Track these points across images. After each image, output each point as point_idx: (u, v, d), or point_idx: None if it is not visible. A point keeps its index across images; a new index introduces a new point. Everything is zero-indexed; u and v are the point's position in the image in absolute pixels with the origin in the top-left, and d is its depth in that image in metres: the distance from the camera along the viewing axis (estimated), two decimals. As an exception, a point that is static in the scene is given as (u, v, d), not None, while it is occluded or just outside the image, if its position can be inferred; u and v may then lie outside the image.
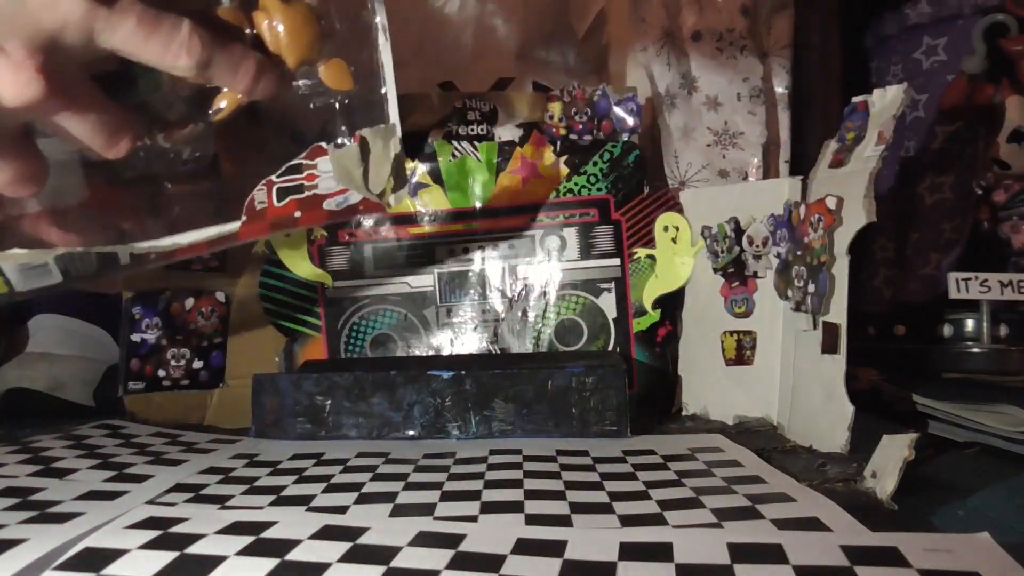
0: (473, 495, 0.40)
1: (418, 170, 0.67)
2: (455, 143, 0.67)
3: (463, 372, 0.55)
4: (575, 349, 0.66)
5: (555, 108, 0.68)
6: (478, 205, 0.67)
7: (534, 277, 0.67)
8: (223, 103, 0.39)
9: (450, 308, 0.67)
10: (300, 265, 0.67)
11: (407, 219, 0.67)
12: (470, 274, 0.67)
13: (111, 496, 0.39)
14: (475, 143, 0.67)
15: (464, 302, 0.67)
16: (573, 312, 0.66)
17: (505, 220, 0.67)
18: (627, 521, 0.35)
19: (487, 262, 0.67)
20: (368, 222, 0.67)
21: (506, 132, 0.68)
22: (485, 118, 0.68)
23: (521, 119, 0.68)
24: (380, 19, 0.41)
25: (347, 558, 0.31)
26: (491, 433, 0.54)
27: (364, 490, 0.41)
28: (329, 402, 0.55)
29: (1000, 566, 0.29)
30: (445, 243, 0.67)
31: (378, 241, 0.67)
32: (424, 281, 0.67)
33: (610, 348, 0.66)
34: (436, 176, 0.67)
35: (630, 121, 0.67)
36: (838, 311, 0.50)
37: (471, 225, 0.67)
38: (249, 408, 0.57)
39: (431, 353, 0.67)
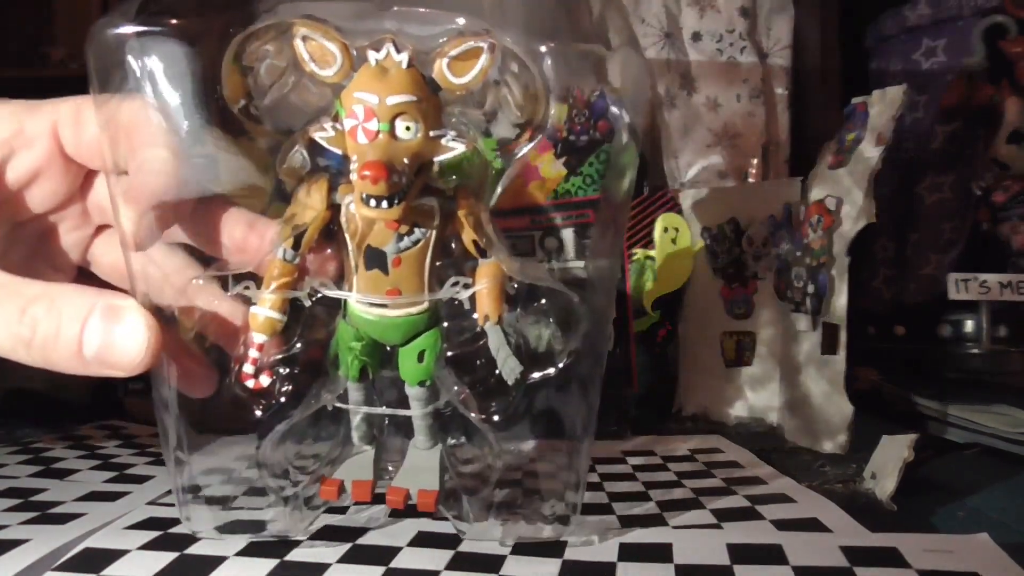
0: (473, 495, 0.40)
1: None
2: (455, 144, 0.67)
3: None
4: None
5: (557, 109, 0.68)
6: (478, 206, 0.67)
7: (534, 277, 0.67)
8: None
9: (450, 308, 0.67)
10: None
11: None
12: (470, 274, 0.67)
13: (112, 497, 0.39)
14: (475, 144, 0.67)
15: (464, 302, 0.67)
16: (573, 312, 0.66)
17: (504, 221, 0.67)
18: (627, 521, 0.35)
19: (487, 262, 0.67)
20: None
21: (504, 133, 0.68)
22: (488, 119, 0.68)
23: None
24: None
25: (347, 558, 0.31)
26: (491, 433, 0.54)
27: (364, 490, 0.41)
28: (329, 402, 0.55)
29: (1000, 566, 0.29)
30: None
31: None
32: (424, 281, 0.67)
33: (610, 348, 0.66)
34: (436, 176, 0.67)
35: (630, 121, 0.67)
36: (838, 311, 0.50)
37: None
38: (249, 408, 0.57)
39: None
